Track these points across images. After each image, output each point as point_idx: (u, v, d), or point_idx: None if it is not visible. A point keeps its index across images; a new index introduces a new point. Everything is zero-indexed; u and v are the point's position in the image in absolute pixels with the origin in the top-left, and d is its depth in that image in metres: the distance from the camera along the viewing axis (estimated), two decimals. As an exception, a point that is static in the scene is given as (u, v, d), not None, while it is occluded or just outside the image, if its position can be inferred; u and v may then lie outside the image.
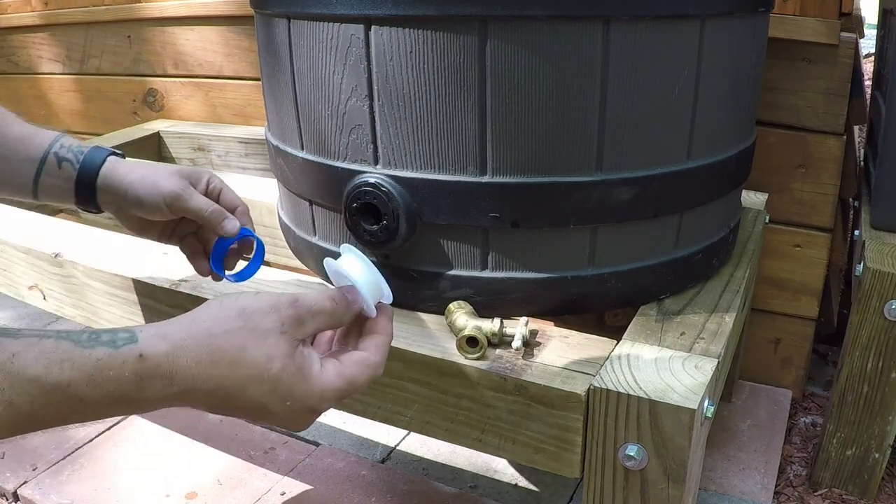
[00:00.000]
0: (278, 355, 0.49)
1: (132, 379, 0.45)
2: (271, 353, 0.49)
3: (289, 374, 0.49)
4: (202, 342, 0.48)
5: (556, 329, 0.82)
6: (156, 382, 0.46)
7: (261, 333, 0.49)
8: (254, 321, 0.49)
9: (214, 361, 0.48)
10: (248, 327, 0.49)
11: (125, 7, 1.71)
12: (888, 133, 1.02)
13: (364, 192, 0.79)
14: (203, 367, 0.47)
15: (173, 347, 0.47)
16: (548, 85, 0.72)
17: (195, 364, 0.47)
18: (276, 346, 0.49)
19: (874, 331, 1.00)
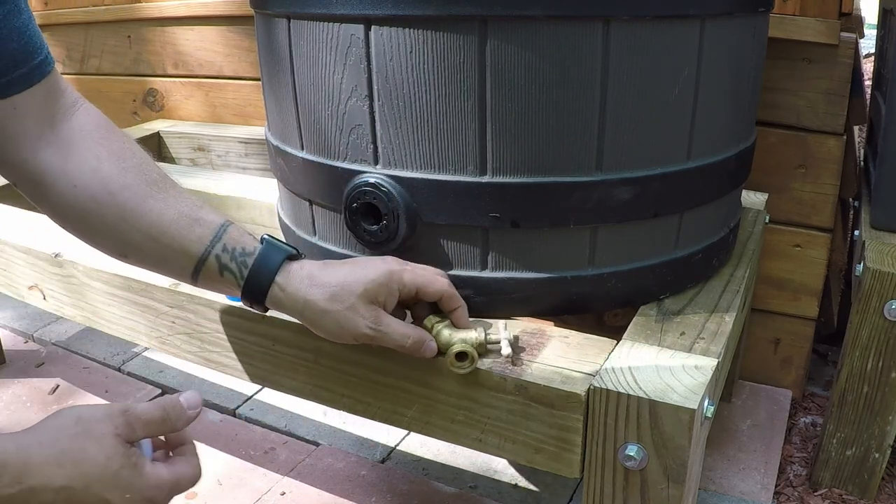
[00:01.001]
0: (116, 455, 0.54)
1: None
2: (109, 454, 0.54)
3: (127, 470, 0.55)
4: (46, 446, 0.53)
5: (556, 329, 0.82)
6: (4, 479, 0.50)
7: (98, 437, 0.54)
8: (90, 427, 0.55)
9: (59, 463, 0.52)
10: (85, 432, 0.54)
11: (125, 7, 1.71)
12: (888, 133, 1.02)
13: (364, 192, 0.79)
14: (50, 468, 0.52)
15: (20, 448, 0.52)
16: (548, 85, 0.72)
17: (43, 464, 0.51)
18: (113, 448, 0.54)
19: (874, 331, 1.00)
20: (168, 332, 0.94)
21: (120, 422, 0.56)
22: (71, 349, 1.55)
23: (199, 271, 0.70)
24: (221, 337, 0.89)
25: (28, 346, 1.57)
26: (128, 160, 0.70)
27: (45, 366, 1.49)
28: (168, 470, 0.59)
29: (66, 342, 1.57)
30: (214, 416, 1.32)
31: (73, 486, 0.52)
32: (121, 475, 0.54)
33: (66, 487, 0.52)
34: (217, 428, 1.27)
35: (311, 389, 0.86)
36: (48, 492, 0.52)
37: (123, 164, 0.69)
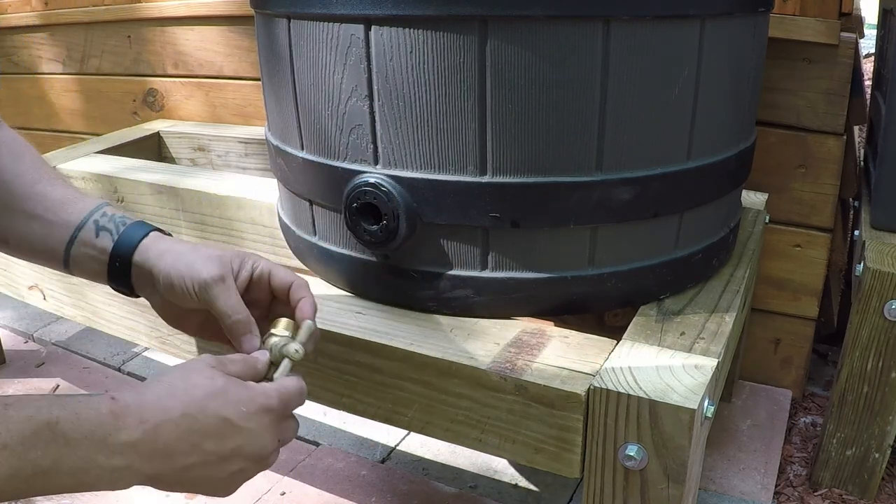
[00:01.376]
0: (217, 376, 0.57)
1: (109, 417, 0.51)
2: (212, 375, 0.57)
3: (233, 385, 0.57)
4: (154, 384, 0.55)
5: (556, 329, 0.82)
6: (129, 421, 0.51)
7: (197, 368, 0.57)
8: (187, 364, 0.58)
9: (171, 394, 0.54)
10: (185, 367, 0.57)
11: (125, 7, 1.71)
12: (888, 133, 1.02)
13: (364, 192, 0.79)
14: (164, 401, 0.54)
15: (136, 392, 0.54)
16: (548, 85, 0.72)
17: (157, 400, 0.53)
18: (212, 371, 0.57)
19: (874, 331, 0.99)
20: (168, 333, 0.94)
21: (210, 358, 0.59)
22: (71, 349, 1.55)
23: (72, 242, 0.69)
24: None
25: (28, 346, 1.57)
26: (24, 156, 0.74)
27: (45, 366, 1.49)
28: (270, 384, 0.60)
29: (66, 342, 1.57)
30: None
31: (190, 413, 0.54)
32: (229, 390, 0.56)
33: (185, 415, 0.53)
34: (217, 428, 1.27)
35: (311, 389, 0.86)
36: (170, 425, 0.53)
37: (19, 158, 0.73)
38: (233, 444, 0.56)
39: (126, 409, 0.51)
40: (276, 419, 0.59)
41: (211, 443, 0.55)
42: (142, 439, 0.51)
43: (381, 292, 0.87)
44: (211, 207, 1.23)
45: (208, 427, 0.54)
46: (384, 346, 0.79)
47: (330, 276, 0.92)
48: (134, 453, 0.51)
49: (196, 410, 0.54)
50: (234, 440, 0.56)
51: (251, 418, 0.56)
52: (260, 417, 0.57)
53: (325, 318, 0.84)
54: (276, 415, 0.58)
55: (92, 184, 1.35)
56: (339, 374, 0.83)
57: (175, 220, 1.28)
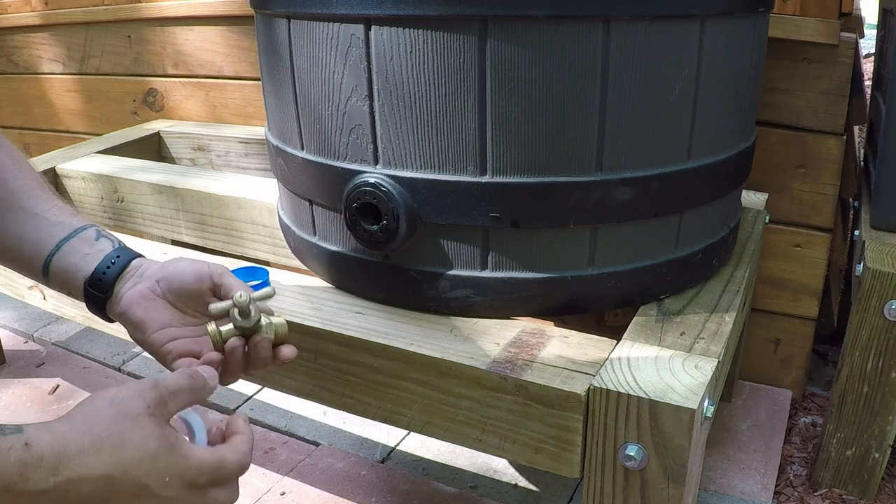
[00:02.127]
0: (152, 437, 0.52)
1: (17, 466, 0.47)
2: (146, 436, 0.52)
3: (165, 451, 0.53)
4: (82, 433, 0.50)
5: (556, 329, 0.82)
6: (41, 472, 0.47)
7: (133, 418, 0.52)
8: (123, 408, 0.53)
9: (96, 449, 0.50)
10: (121, 414, 0.52)
11: (125, 7, 1.71)
12: (888, 133, 1.02)
13: (364, 191, 0.79)
14: (87, 457, 0.49)
15: (57, 438, 0.49)
16: (548, 85, 0.72)
17: (79, 453, 0.49)
18: (148, 428, 0.52)
19: (874, 331, 0.99)
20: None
21: (151, 398, 0.54)
22: (71, 349, 1.55)
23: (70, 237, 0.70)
24: (221, 337, 0.89)
25: (28, 346, 1.57)
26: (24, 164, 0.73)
27: (45, 366, 1.49)
28: (210, 452, 0.56)
29: (66, 342, 1.57)
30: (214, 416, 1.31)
31: (112, 475, 0.50)
32: (158, 457, 0.52)
33: (105, 476, 0.50)
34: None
35: (311, 389, 0.86)
36: (87, 482, 0.49)
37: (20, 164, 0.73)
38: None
39: (38, 461, 0.48)
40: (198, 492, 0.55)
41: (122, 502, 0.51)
42: (52, 490, 0.48)
43: (381, 292, 0.87)
44: (211, 207, 1.23)
45: (125, 491, 0.51)
46: (384, 346, 0.79)
47: (330, 276, 0.92)
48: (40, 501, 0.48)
49: (118, 473, 0.50)
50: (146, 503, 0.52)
51: (171, 488, 0.53)
52: (180, 489, 0.53)
53: (325, 318, 0.84)
54: (198, 488, 0.55)
55: (92, 184, 1.35)
56: (339, 374, 0.83)
57: (175, 220, 1.28)
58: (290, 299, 0.89)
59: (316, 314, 0.85)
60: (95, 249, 0.70)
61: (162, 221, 1.30)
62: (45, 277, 0.71)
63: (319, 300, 0.89)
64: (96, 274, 0.69)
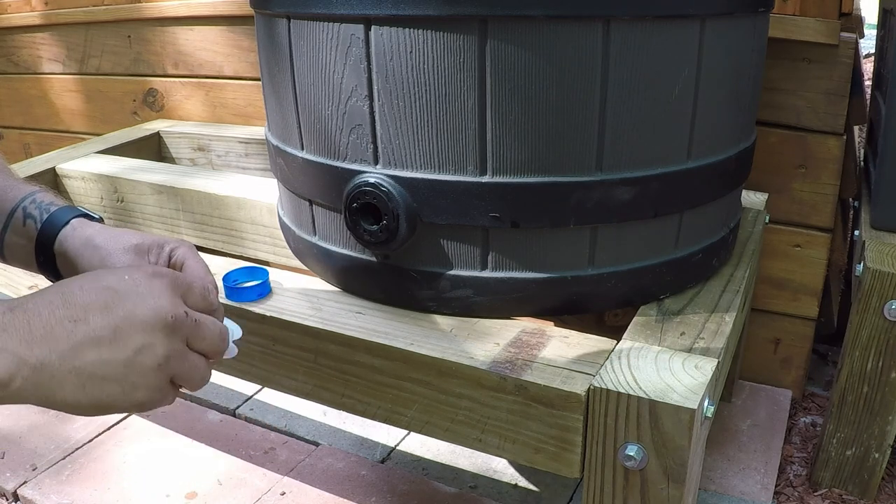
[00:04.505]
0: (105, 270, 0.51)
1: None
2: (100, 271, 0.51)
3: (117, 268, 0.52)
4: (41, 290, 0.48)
5: (556, 329, 0.82)
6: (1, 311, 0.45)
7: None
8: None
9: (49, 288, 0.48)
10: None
11: (125, 7, 1.71)
12: (888, 133, 1.02)
13: (364, 191, 0.79)
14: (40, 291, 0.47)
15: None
16: (548, 85, 0.72)
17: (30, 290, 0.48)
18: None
19: (874, 331, 0.99)
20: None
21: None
22: (71, 349, 1.54)
23: (5, 230, 0.67)
24: (221, 337, 0.89)
25: (28, 346, 1.57)
26: None
27: (45, 366, 1.49)
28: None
29: (66, 342, 1.57)
30: (214, 416, 1.31)
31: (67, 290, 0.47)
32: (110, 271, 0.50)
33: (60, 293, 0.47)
34: (217, 428, 1.27)
35: (311, 389, 0.86)
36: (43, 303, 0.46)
37: None
38: (122, 310, 0.47)
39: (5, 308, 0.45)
40: (171, 284, 0.51)
41: (96, 315, 0.47)
42: (11, 321, 0.44)
43: (381, 292, 0.87)
44: (211, 207, 1.23)
45: (89, 299, 0.47)
46: (384, 346, 0.79)
47: (330, 276, 0.92)
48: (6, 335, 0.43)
49: (75, 287, 0.47)
50: (123, 306, 0.48)
51: (138, 282, 0.49)
52: (149, 282, 0.50)
53: (325, 318, 0.84)
54: (169, 280, 0.51)
55: (92, 184, 1.35)
56: (339, 374, 0.83)
57: (175, 220, 1.28)
58: (290, 299, 0.89)
59: (316, 314, 0.85)
60: (27, 238, 0.67)
61: (162, 221, 1.30)
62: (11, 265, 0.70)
63: (319, 300, 0.89)
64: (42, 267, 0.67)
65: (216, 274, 0.95)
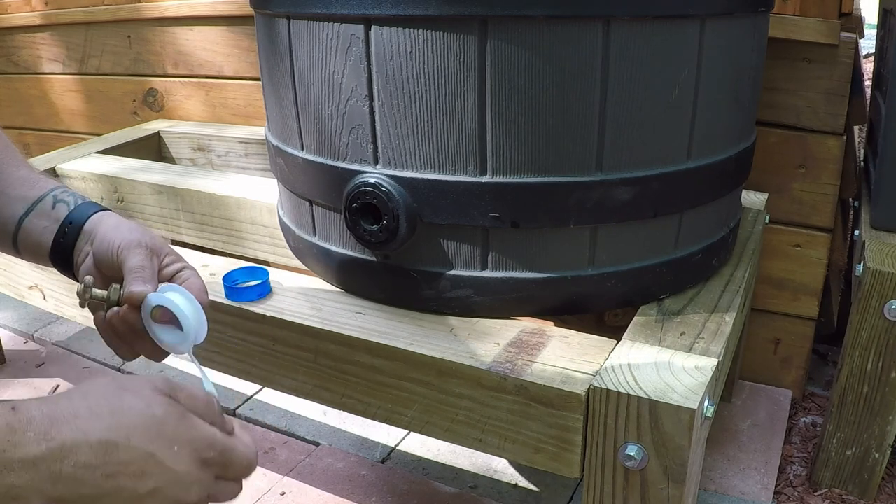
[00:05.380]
0: (157, 401, 0.48)
1: (3, 431, 0.42)
2: (150, 401, 0.48)
3: (173, 417, 0.48)
4: (77, 398, 0.46)
5: (556, 329, 0.82)
6: (30, 437, 0.43)
7: (134, 389, 0.48)
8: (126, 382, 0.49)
9: (94, 414, 0.45)
10: (121, 386, 0.48)
11: (125, 7, 1.71)
12: (888, 133, 1.02)
13: (364, 191, 0.79)
14: (81, 421, 0.45)
15: (48, 404, 0.45)
16: (548, 85, 0.72)
17: (72, 417, 0.45)
18: (153, 396, 0.48)
19: (874, 331, 0.99)
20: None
21: (160, 381, 0.50)
22: (71, 349, 1.55)
23: (28, 213, 0.68)
24: (222, 337, 0.89)
25: (28, 346, 1.57)
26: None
27: (45, 366, 1.49)
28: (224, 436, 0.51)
29: (66, 342, 1.57)
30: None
31: (113, 440, 0.45)
32: (166, 422, 0.47)
33: (104, 442, 0.44)
34: (217, 428, 1.27)
35: (311, 389, 0.86)
36: (84, 448, 0.44)
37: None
38: (152, 484, 0.47)
39: (28, 423, 0.43)
40: (207, 472, 0.50)
41: (128, 479, 0.46)
42: (45, 457, 0.43)
43: (381, 292, 0.87)
44: (211, 207, 1.23)
45: (130, 459, 0.46)
46: (384, 346, 0.79)
47: (330, 276, 0.92)
48: (34, 472, 0.43)
49: (121, 438, 0.45)
50: (155, 480, 0.47)
51: (181, 461, 0.48)
52: (191, 463, 0.48)
53: (325, 318, 0.84)
54: (208, 468, 0.50)
55: (92, 184, 1.35)
56: (339, 374, 0.83)
57: (175, 219, 1.28)
58: (290, 299, 0.89)
59: (316, 314, 0.85)
60: (52, 220, 0.68)
61: (162, 221, 1.30)
62: (19, 254, 0.70)
63: (319, 300, 0.89)
64: (55, 247, 0.68)
65: (216, 274, 0.95)
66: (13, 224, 0.69)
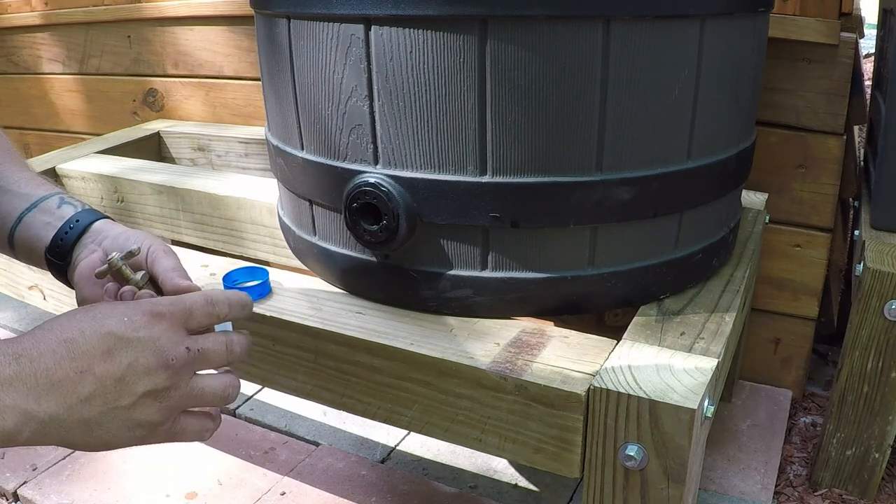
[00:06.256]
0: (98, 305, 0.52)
1: None
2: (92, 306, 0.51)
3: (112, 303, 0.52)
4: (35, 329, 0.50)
5: (556, 329, 0.82)
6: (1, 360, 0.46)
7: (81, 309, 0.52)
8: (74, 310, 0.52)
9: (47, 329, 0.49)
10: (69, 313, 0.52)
11: (125, 7, 1.71)
12: (888, 133, 1.02)
13: (364, 191, 0.79)
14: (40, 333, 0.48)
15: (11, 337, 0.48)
16: (548, 85, 0.72)
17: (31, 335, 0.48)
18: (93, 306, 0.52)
19: (874, 331, 0.99)
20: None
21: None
22: (71, 349, 1.54)
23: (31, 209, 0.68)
24: (221, 337, 0.89)
25: (28, 346, 1.57)
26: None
27: (46, 366, 1.49)
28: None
29: (67, 342, 1.57)
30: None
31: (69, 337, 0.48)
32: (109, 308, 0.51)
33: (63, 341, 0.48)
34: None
35: (311, 389, 0.86)
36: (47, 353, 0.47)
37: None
38: (125, 358, 0.49)
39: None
40: (172, 325, 0.52)
41: (100, 363, 0.48)
42: (18, 373, 0.46)
43: (381, 292, 0.87)
44: (211, 207, 1.23)
45: (91, 347, 0.48)
46: (384, 346, 0.79)
47: (330, 276, 0.92)
48: (13, 390, 0.45)
49: (75, 333, 0.48)
50: (126, 354, 0.49)
51: (138, 326, 0.50)
52: (149, 324, 0.51)
53: (325, 318, 0.84)
54: (169, 319, 0.52)
55: (92, 184, 1.35)
56: (339, 374, 0.83)
57: (175, 220, 1.28)
58: (290, 299, 0.89)
59: (316, 314, 0.85)
60: (56, 217, 0.68)
61: (162, 221, 1.30)
62: (12, 250, 0.70)
63: (319, 300, 0.89)
64: (55, 241, 0.67)
65: (216, 274, 0.95)
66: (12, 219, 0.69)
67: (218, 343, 0.56)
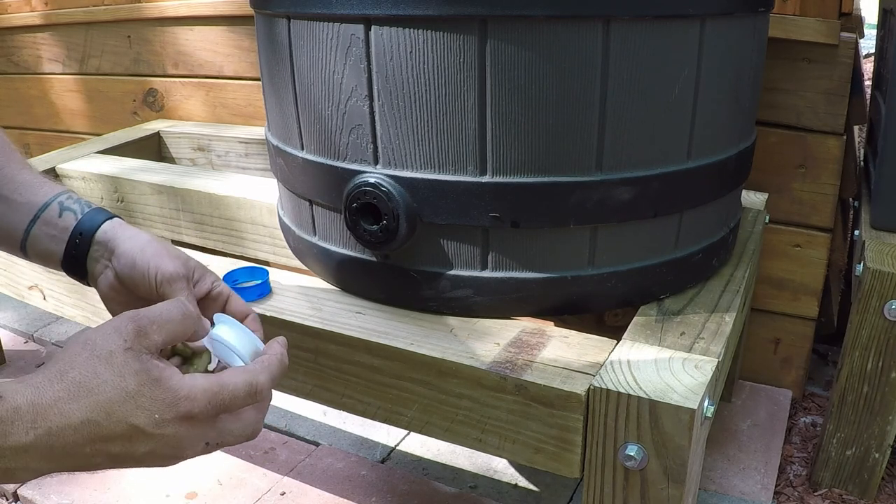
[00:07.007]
0: (129, 372, 0.49)
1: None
2: (122, 371, 0.49)
3: (147, 387, 0.49)
4: (56, 381, 0.48)
5: (556, 329, 0.82)
6: (18, 427, 0.45)
7: (106, 356, 0.49)
8: (98, 347, 0.49)
9: (72, 396, 0.47)
10: (94, 355, 0.49)
11: (125, 7, 1.71)
12: (888, 133, 1.02)
13: (364, 191, 0.79)
14: (62, 403, 0.47)
15: (31, 389, 0.47)
16: (548, 85, 0.72)
17: (54, 402, 0.47)
18: (124, 364, 0.49)
19: (874, 331, 0.99)
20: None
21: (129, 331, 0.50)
22: (71, 349, 1.55)
23: (35, 221, 0.68)
24: (221, 337, 0.89)
25: (28, 346, 1.57)
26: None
27: (46, 366, 1.49)
28: (206, 378, 0.51)
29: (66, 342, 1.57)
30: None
31: (94, 419, 0.47)
32: (140, 394, 0.48)
33: (86, 422, 0.47)
34: (217, 428, 1.27)
35: (311, 389, 0.86)
36: (68, 431, 0.46)
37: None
38: (144, 448, 0.49)
39: (15, 414, 0.45)
40: (201, 424, 0.51)
41: (117, 447, 0.48)
42: (34, 444, 0.46)
43: (381, 292, 0.87)
44: (211, 207, 1.23)
45: (114, 433, 0.48)
46: (384, 346, 0.79)
47: (330, 276, 0.92)
48: (26, 456, 0.46)
49: (101, 416, 0.47)
50: (145, 445, 0.49)
51: (165, 425, 0.49)
52: (177, 425, 0.50)
53: (325, 318, 0.84)
54: (200, 420, 0.51)
55: (92, 184, 1.35)
56: (339, 374, 0.83)
57: (175, 220, 1.28)
58: (290, 299, 0.89)
59: (316, 314, 0.85)
60: (60, 230, 0.68)
61: (162, 221, 1.30)
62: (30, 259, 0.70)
63: (319, 300, 0.89)
64: (67, 258, 0.67)
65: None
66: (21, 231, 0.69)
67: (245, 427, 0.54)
